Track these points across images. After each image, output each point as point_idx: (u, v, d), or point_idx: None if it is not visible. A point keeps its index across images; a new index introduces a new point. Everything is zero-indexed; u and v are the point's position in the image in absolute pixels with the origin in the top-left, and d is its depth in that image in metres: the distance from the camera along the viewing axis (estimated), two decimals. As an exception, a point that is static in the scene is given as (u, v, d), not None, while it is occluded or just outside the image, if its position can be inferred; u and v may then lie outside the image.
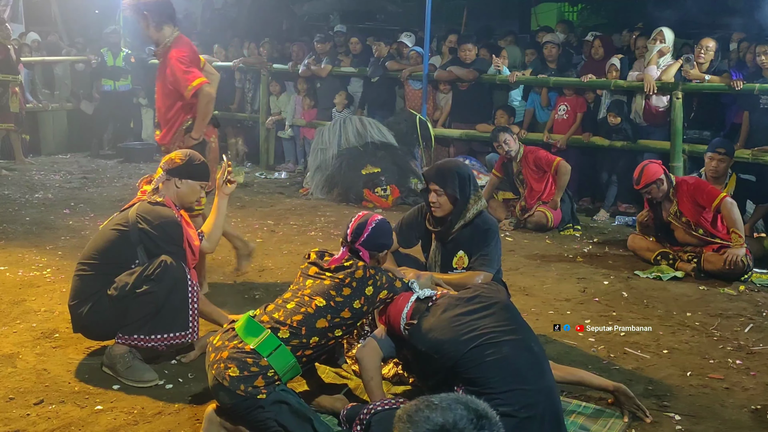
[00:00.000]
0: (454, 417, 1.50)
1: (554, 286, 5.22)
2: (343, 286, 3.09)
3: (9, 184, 8.77)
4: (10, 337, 4.12)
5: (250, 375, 2.88)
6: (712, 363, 3.91)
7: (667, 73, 7.08)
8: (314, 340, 3.02)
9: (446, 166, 3.92)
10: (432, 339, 2.89)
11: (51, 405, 3.37)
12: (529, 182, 6.99)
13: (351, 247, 3.26)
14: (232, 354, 2.93)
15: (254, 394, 2.87)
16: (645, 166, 5.65)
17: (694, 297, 5.02)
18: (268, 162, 10.28)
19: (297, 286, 3.20)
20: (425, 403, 1.56)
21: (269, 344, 2.95)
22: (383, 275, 3.20)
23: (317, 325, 3.02)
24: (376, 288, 3.14)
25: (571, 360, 3.91)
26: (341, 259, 3.19)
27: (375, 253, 3.30)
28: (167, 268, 3.58)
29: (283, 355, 2.96)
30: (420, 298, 3.17)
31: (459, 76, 8.38)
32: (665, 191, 5.60)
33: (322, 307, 3.04)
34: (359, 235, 3.25)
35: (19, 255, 5.71)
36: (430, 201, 3.78)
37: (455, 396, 1.60)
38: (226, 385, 2.87)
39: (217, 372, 2.91)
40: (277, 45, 10.73)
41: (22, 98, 9.77)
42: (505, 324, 2.88)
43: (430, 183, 3.78)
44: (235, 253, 5.10)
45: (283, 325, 3.00)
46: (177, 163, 3.84)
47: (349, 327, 3.14)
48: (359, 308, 3.11)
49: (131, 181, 8.95)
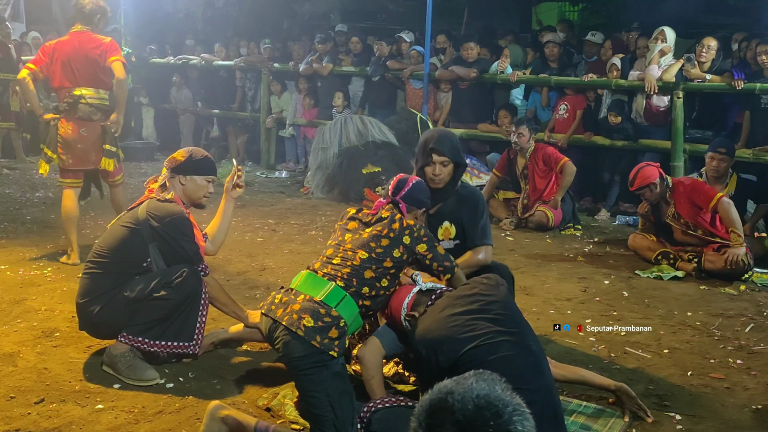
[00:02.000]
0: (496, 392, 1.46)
1: (555, 286, 5.22)
2: (381, 237, 3.18)
3: (10, 182, 8.78)
4: (11, 336, 4.12)
5: (324, 325, 2.94)
6: (713, 363, 3.91)
7: (669, 73, 7.08)
8: (365, 290, 3.11)
9: (447, 135, 3.79)
10: (429, 339, 2.88)
11: (52, 404, 3.37)
12: (533, 178, 7.00)
13: (392, 200, 3.35)
14: (304, 305, 2.99)
15: (328, 348, 2.92)
16: (640, 169, 5.66)
17: (695, 296, 5.02)
18: (269, 161, 10.29)
19: (336, 241, 3.29)
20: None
21: (335, 295, 3.04)
22: (422, 228, 3.26)
23: (365, 276, 3.12)
24: (413, 239, 3.20)
25: (572, 359, 3.91)
26: (378, 209, 3.30)
27: (413, 208, 3.39)
28: (188, 279, 3.60)
29: (349, 305, 3.05)
30: (422, 290, 3.21)
31: (460, 76, 8.38)
32: (660, 194, 5.61)
33: (365, 259, 3.14)
34: (400, 189, 3.36)
35: (20, 254, 5.71)
36: (434, 174, 3.62)
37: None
38: (301, 335, 2.91)
39: (290, 323, 2.95)
40: (278, 44, 10.74)
41: (22, 97, 9.76)
42: (503, 323, 2.87)
43: (436, 154, 3.61)
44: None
45: (336, 277, 3.10)
46: (179, 161, 3.84)
47: (393, 276, 3.21)
48: (399, 257, 3.18)
49: (132, 180, 8.95)
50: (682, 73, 7.06)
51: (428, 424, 1.39)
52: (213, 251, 4.11)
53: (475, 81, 8.31)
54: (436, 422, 1.38)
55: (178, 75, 11.13)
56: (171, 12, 13.39)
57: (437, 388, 1.46)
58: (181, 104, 11.18)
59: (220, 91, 11.04)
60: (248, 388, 3.57)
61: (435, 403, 1.41)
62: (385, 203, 3.35)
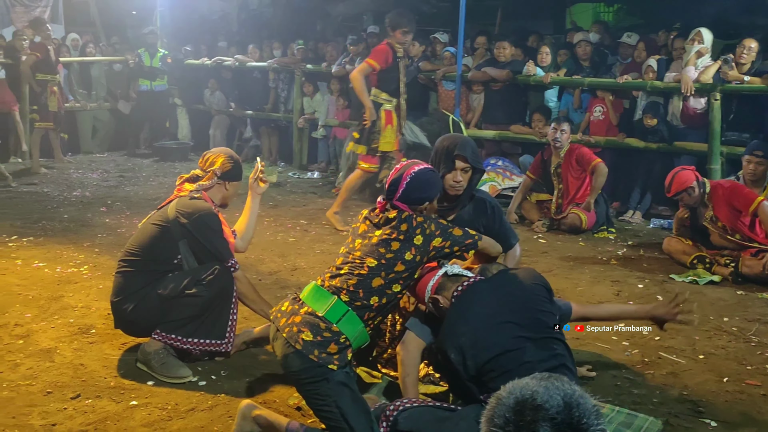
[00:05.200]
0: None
1: (588, 289, 5.17)
2: (390, 241, 3.00)
3: (48, 182, 8.94)
4: (49, 332, 4.20)
5: (323, 340, 2.85)
6: (750, 369, 3.84)
7: (706, 74, 6.97)
8: (374, 300, 2.97)
9: (468, 141, 3.59)
10: (458, 343, 2.85)
11: (87, 399, 3.43)
12: (566, 179, 6.95)
13: (390, 203, 3.12)
14: (305, 319, 2.91)
15: (327, 362, 2.83)
16: (676, 174, 5.58)
17: (731, 302, 4.93)
18: (301, 162, 10.34)
19: (347, 248, 3.12)
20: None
21: (338, 310, 2.92)
22: (432, 223, 3.06)
23: (373, 284, 2.96)
24: (425, 236, 3.01)
25: (605, 364, 3.87)
26: (381, 210, 3.11)
27: (415, 207, 3.11)
28: (219, 276, 3.66)
29: (352, 321, 2.92)
30: (448, 274, 3.10)
31: (493, 77, 8.35)
32: (698, 198, 5.52)
33: (374, 267, 2.97)
34: (395, 191, 3.10)
35: (57, 252, 5.81)
36: (455, 181, 3.47)
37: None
38: (299, 349, 2.83)
39: (289, 335, 2.88)
40: (311, 45, 10.79)
41: (60, 97, 9.95)
42: (530, 328, 2.84)
43: (460, 161, 3.45)
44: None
45: (342, 290, 2.97)
46: (229, 167, 3.92)
47: (406, 280, 3.03)
48: (412, 259, 3.00)
49: (166, 180, 9.07)
50: (719, 75, 6.95)
51: (518, 421, 1.38)
52: (242, 247, 4.16)
53: (507, 82, 8.27)
54: (528, 419, 1.37)
55: (214, 79, 11.24)
56: (206, 14, 13.53)
57: (515, 388, 1.44)
58: (214, 106, 11.29)
59: (253, 92, 11.12)
60: (279, 387, 3.59)
61: (523, 401, 1.40)
62: (384, 203, 3.14)
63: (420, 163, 3.21)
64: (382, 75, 6.95)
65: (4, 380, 3.59)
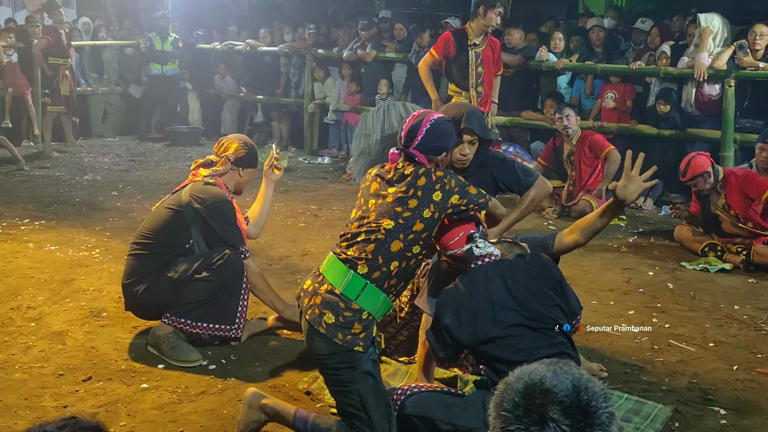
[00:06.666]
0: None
1: (598, 276, 5.16)
2: (408, 199, 2.78)
3: (60, 165, 8.98)
4: (60, 315, 4.23)
5: (345, 321, 2.71)
6: (760, 357, 3.83)
7: (720, 60, 6.91)
8: (394, 265, 2.77)
9: (475, 112, 3.45)
10: (454, 312, 2.82)
11: (99, 382, 3.46)
12: (579, 165, 6.92)
13: (405, 152, 2.92)
14: (324, 298, 2.76)
15: (352, 344, 2.71)
16: (692, 158, 5.54)
17: (742, 290, 4.91)
18: (312, 147, 10.33)
19: (360, 211, 2.89)
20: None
21: (356, 285, 2.75)
22: (452, 178, 2.83)
23: (392, 249, 2.76)
24: (444, 192, 2.79)
25: (614, 351, 3.87)
26: (394, 163, 2.92)
27: (433, 157, 2.90)
28: (229, 261, 3.67)
29: (372, 294, 2.75)
30: (474, 253, 2.89)
31: (505, 62, 8.29)
32: (712, 184, 5.49)
33: (391, 229, 2.76)
34: (413, 138, 2.89)
35: (69, 235, 5.85)
36: (462, 154, 3.37)
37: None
38: (323, 333, 2.71)
39: (312, 318, 2.76)
40: (322, 30, 10.76)
41: (72, 81, 9.96)
42: (530, 315, 2.80)
43: (467, 134, 3.35)
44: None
45: (359, 260, 2.77)
46: (243, 154, 3.92)
47: (426, 239, 2.82)
48: (430, 217, 2.78)
49: (177, 164, 9.09)
50: (734, 61, 6.88)
51: (527, 405, 1.38)
52: (255, 234, 4.17)
53: (520, 68, 8.22)
54: (537, 403, 1.38)
55: (223, 63, 11.23)
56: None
57: (524, 373, 1.44)
58: (225, 90, 11.29)
59: (264, 76, 11.11)
60: (289, 371, 3.61)
61: (532, 385, 1.41)
62: (399, 154, 2.95)
63: (435, 112, 3.04)
64: (448, 65, 6.71)
65: (17, 362, 3.63)
